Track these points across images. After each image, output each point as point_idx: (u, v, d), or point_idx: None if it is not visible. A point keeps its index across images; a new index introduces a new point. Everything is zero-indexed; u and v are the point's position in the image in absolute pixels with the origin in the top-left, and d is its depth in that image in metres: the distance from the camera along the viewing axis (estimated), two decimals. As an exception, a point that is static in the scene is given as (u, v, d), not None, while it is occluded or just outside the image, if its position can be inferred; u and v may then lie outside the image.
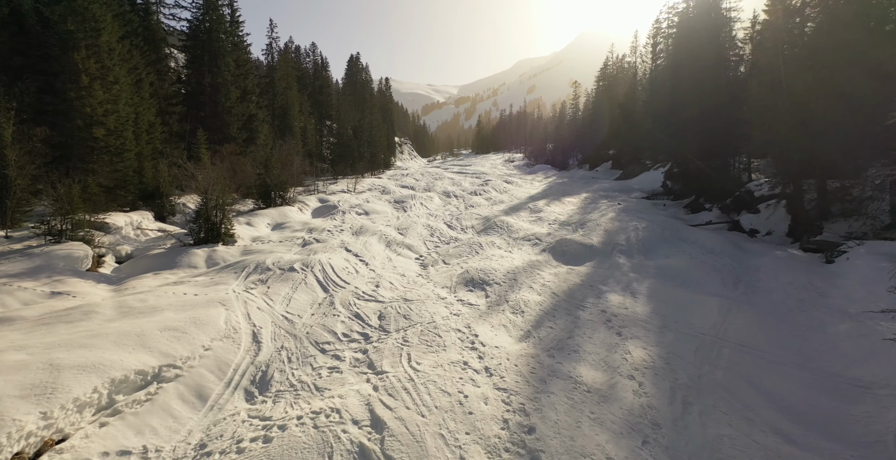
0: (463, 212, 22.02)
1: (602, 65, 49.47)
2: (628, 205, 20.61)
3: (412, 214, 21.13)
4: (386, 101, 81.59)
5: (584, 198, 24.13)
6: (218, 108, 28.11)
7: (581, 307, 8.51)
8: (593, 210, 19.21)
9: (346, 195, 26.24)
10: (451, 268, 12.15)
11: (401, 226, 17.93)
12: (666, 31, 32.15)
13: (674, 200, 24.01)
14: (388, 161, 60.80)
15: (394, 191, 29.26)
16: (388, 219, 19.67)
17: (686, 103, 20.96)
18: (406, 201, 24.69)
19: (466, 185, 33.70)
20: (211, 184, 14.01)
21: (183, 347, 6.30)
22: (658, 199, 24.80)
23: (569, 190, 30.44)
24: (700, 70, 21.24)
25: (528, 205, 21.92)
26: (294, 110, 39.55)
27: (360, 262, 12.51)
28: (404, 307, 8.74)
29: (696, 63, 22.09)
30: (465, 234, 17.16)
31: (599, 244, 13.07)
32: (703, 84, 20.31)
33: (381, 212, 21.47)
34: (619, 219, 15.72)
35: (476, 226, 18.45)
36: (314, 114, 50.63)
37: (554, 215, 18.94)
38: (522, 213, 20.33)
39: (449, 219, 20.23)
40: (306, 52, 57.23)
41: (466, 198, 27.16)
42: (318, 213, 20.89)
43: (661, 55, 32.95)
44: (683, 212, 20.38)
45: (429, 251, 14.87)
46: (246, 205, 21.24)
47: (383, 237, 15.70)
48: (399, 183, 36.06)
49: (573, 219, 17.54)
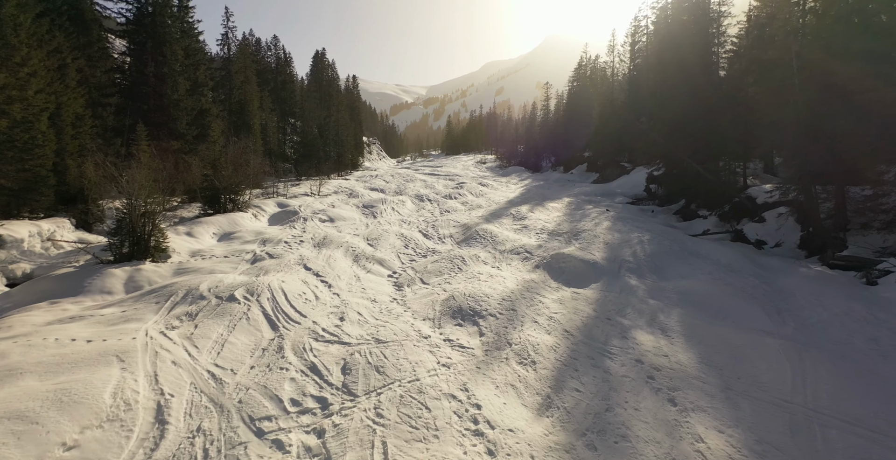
0: (439, 218, 20.01)
1: (576, 65, 48.53)
2: (618, 213, 19.14)
3: (383, 221, 18.95)
4: (353, 100, 78.68)
5: (567, 204, 22.56)
6: (164, 100, 25.08)
7: (607, 353, 6.64)
8: (583, 217, 17.59)
9: (310, 199, 23.77)
10: (431, 291, 10.12)
11: (371, 236, 15.76)
12: (646, 29, 31.19)
13: (660, 206, 22.78)
14: (356, 161, 58.17)
15: (362, 195, 26.94)
16: (355, 228, 17.44)
17: (676, 103, 19.68)
18: (376, 206, 22.46)
19: (440, 188, 31.70)
20: (138, 187, 11.48)
21: (21, 456, 4.00)
22: (644, 205, 23.53)
23: (548, 194, 28.93)
24: (688, 68, 20.03)
25: (511, 212, 20.12)
26: (253, 106, 36.57)
27: (322, 284, 10.31)
28: (377, 353, 6.67)
29: (684, 60, 20.91)
30: (443, 245, 15.17)
31: (603, 260, 11.32)
32: (694, 83, 19.07)
33: (349, 219, 19.19)
34: (618, 230, 14.09)
35: (455, 235, 16.48)
36: (276, 111, 47.57)
37: (540, 223, 17.19)
38: (505, 221, 18.51)
39: (424, 227, 18.18)
40: (268, 46, 53.91)
41: (441, 203, 25.18)
42: (275, 220, 18.41)
43: (641, 54, 31.99)
44: (675, 219, 19.05)
45: (403, 266, 12.80)
46: (192, 211, 18.55)
47: (350, 250, 13.50)
48: (368, 185, 33.71)
49: (563, 228, 15.83)
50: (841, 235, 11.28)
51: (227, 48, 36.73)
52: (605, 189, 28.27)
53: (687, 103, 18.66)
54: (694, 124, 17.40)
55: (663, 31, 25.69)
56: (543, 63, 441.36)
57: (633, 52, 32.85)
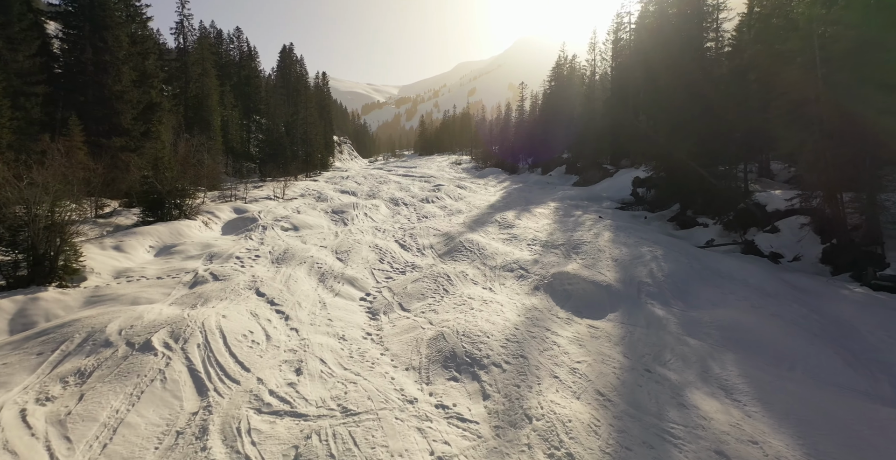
0: (417, 225, 18.08)
1: (553, 64, 47.41)
2: (612, 220, 17.67)
3: (355, 230, 16.87)
4: (323, 97, 75.65)
5: (555, 209, 20.99)
6: (104, 92, 22.25)
7: (669, 436, 4.60)
8: (576, 226, 15.99)
9: (272, 203, 21.40)
10: (414, 323, 8.20)
11: (340, 248, 13.69)
12: (629, 26, 30.11)
13: (650, 211, 21.51)
14: (326, 161, 55.50)
15: (332, 198, 24.70)
16: (323, 238, 15.31)
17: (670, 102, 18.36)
18: (347, 211, 20.32)
19: (416, 191, 29.73)
20: (40, 192, 9.11)
21: None
22: (635, 210, 22.23)
23: (531, 197, 27.38)
24: (681, 65, 18.78)
25: (496, 218, 18.38)
26: (212, 101, 33.69)
27: (277, 315, 8.24)
28: (343, 435, 4.71)
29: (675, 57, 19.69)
30: (424, 259, 13.26)
31: (617, 282, 9.63)
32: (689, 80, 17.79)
33: (315, 227, 17.02)
34: (623, 242, 12.48)
35: (436, 246, 14.60)
36: (239, 107, 44.55)
37: (531, 232, 15.50)
38: (490, 229, 16.74)
39: (401, 236, 16.23)
40: (230, 38, 50.62)
41: (418, 207, 23.24)
42: (230, 229, 16.06)
43: (624, 52, 30.92)
44: (671, 226, 17.72)
45: (379, 286, 10.83)
46: (131, 219, 15.99)
47: (315, 267, 11.42)
48: (338, 187, 31.40)
49: (557, 239, 14.16)
50: (878, 250, 9.99)
51: (183, 37, 33.68)
52: (589, 193, 26.94)
53: (682, 102, 17.34)
54: (692, 124, 16.07)
55: (651, 25, 24.52)
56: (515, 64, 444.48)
57: (616, 50, 31.76)
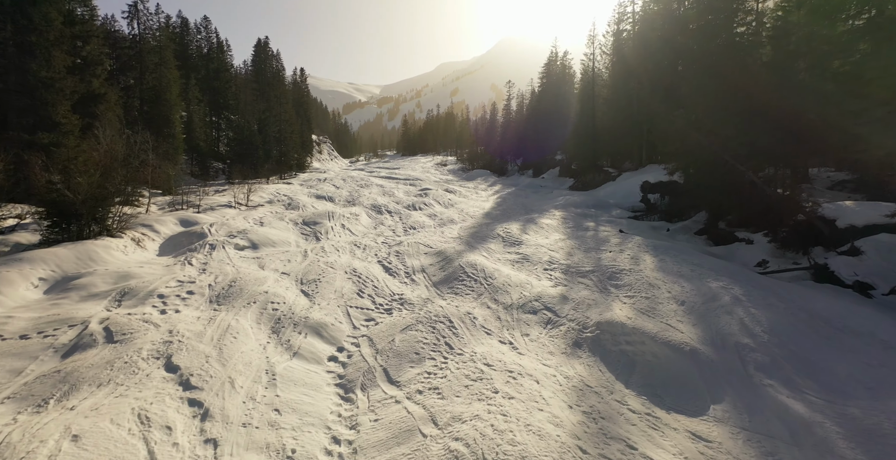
0: (403, 240, 15.14)
1: (546, 60, 44.92)
2: (640, 236, 15.00)
3: (329, 247, 13.83)
4: (301, 94, 72.02)
5: (561, 219, 18.27)
6: (29, 78, 18.69)
7: None
8: (598, 242, 13.21)
9: (232, 212, 18.16)
10: (408, 418, 5.26)
11: (308, 276, 10.65)
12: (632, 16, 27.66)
13: (668, 221, 18.96)
14: (304, 162, 51.96)
15: (304, 205, 21.50)
16: (287, 259, 12.23)
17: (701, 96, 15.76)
18: (321, 222, 17.22)
19: (401, 196, 26.73)
20: None
21: None
22: (649, 219, 19.66)
23: (529, 204, 24.67)
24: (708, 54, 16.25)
25: (497, 231, 15.54)
26: (171, 94, 30.05)
27: (188, 413, 5.20)
28: None
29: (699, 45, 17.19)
30: (415, 289, 10.34)
31: (702, 343, 6.63)
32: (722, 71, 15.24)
33: (280, 244, 13.90)
34: (678, 272, 9.52)
35: (430, 269, 11.70)
36: (204, 101, 40.85)
37: (543, 250, 12.68)
38: (492, 245, 13.90)
39: (385, 255, 13.27)
40: (197, 28, 46.76)
41: (404, 216, 20.27)
42: (168, 249, 12.83)
43: (627, 44, 28.46)
44: (702, 241, 15.13)
45: (356, 336, 7.86)
46: (37, 235, 12.55)
47: (269, 308, 8.38)
48: (313, 191, 28.15)
49: (580, 261, 11.36)
50: None
51: (137, 22, 29.94)
52: (594, 198, 24.35)
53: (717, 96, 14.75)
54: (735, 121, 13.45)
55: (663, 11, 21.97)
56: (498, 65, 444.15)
57: (619, 41, 29.29)
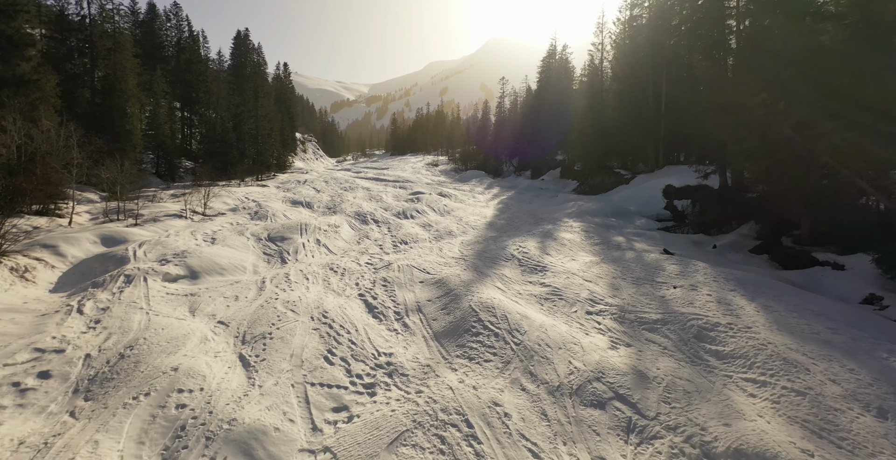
0: (394, 261, 11.99)
1: (545, 54, 41.96)
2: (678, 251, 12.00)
3: (295, 274, 10.61)
4: (284, 90, 68.26)
5: (582, 232, 15.24)
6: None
7: None
8: (647, 270, 10.12)
9: (180, 224, 14.79)
10: None
11: (255, 328, 7.42)
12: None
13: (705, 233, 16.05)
14: (285, 161, 48.34)
15: (275, 214, 18.13)
16: (233, 296, 8.96)
17: (812, 82, 12.64)
18: (290, 237, 13.95)
19: (390, 201, 23.51)
20: None
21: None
22: (682, 230, 16.71)
23: (536, 210, 21.64)
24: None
25: (509, 250, 12.44)
26: (127, 84, 26.41)
27: None
28: None
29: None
30: (409, 345, 7.22)
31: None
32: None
33: (230, 271, 10.62)
34: (816, 335, 6.18)
35: (428, 308, 8.61)
36: (173, 94, 37.15)
37: (577, 282, 9.59)
38: (507, 270, 10.80)
39: (369, 285, 10.11)
40: (167, 15, 42.91)
41: (393, 226, 17.09)
42: (70, 280, 9.44)
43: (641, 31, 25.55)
44: (765, 263, 12.15)
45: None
46: None
47: (171, 406, 5.15)
48: (290, 196, 24.77)
49: (636, 301, 8.28)
50: None
51: (88, 2, 26.21)
52: (610, 205, 21.39)
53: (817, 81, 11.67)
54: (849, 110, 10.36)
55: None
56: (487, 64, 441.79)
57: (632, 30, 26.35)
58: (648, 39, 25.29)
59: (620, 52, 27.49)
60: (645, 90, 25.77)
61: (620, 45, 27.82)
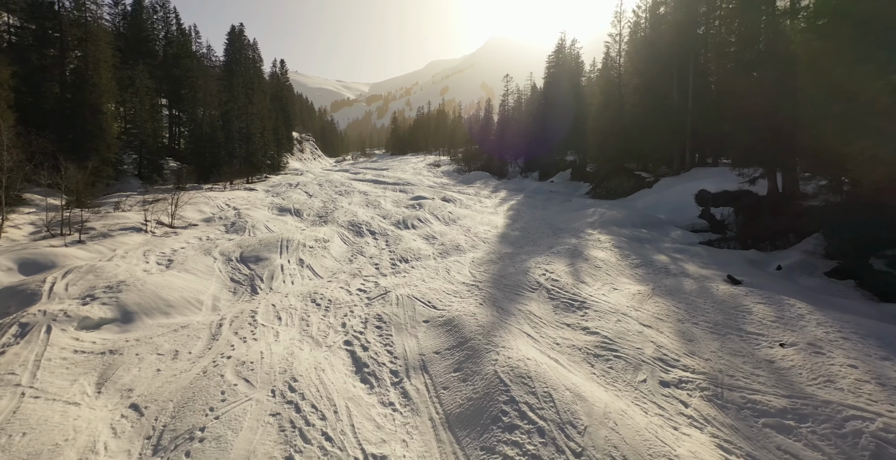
0: (392, 288, 9.68)
1: (554, 48, 39.54)
2: (749, 278, 9.62)
3: (266, 311, 8.27)
4: (280, 88, 65.95)
5: (614, 249, 12.88)
6: None
7: None
8: (720, 307, 7.70)
9: (136, 240, 12.42)
10: None
11: (178, 421, 5.03)
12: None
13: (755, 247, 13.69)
14: (279, 162, 45.96)
15: (255, 226, 15.71)
16: (171, 352, 6.61)
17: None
18: (267, 257, 11.59)
19: (388, 207, 21.15)
20: None
21: None
22: (729, 245, 14.33)
23: (552, 219, 19.27)
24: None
25: (533, 274, 10.08)
26: (101, 78, 24.05)
27: None
28: None
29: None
30: (411, 439, 4.89)
31: None
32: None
33: (179, 308, 8.25)
34: None
35: (435, 367, 6.37)
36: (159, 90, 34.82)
37: (632, 327, 7.24)
38: (535, 306, 8.45)
39: (360, 327, 7.82)
40: (153, 7, 40.50)
41: (392, 239, 14.75)
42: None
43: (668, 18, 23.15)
44: (851, 291, 9.77)
45: None
46: None
47: None
48: (278, 201, 22.40)
49: (735, 367, 5.89)
50: None
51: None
52: (636, 213, 19.00)
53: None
54: None
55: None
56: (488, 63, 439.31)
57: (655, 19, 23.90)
58: (674, 28, 22.89)
59: (642, 43, 25.07)
60: (670, 84, 23.38)
61: (641, 35, 25.39)
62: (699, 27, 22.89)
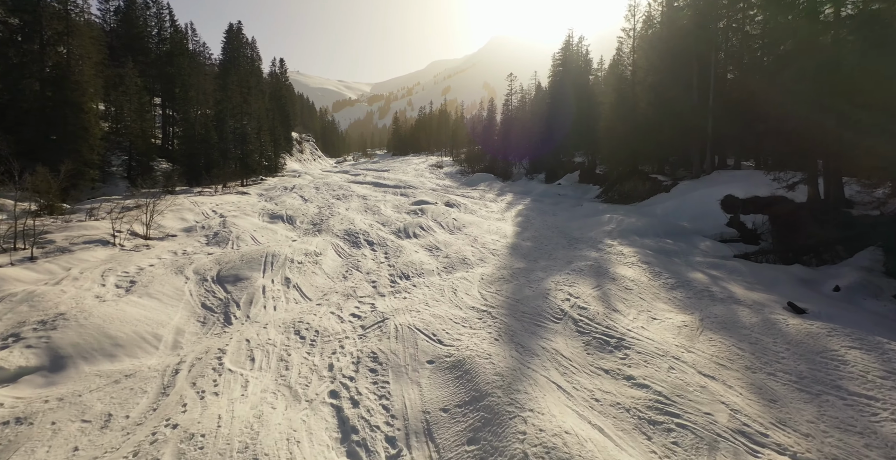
0: (390, 317, 8.19)
1: (562, 45, 38.01)
2: (816, 307, 8.12)
3: (238, 350, 6.80)
4: (279, 87, 64.55)
5: (642, 264, 11.39)
6: None
7: None
8: (796, 351, 6.18)
9: (100, 255, 10.95)
10: None
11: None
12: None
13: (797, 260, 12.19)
14: (276, 163, 44.50)
15: (240, 236, 14.21)
16: (103, 418, 5.15)
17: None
18: (247, 277, 10.13)
19: (389, 213, 19.68)
20: None
21: None
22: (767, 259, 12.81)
23: (565, 226, 17.77)
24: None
25: (554, 299, 8.60)
26: (83, 75, 22.62)
27: None
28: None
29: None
30: None
31: None
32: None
33: (129, 347, 6.74)
34: None
35: (443, 433, 4.81)
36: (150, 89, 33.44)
37: (694, 381, 5.77)
38: (560, 342, 6.97)
39: (350, 374, 6.32)
40: (146, 3, 39.05)
41: (392, 251, 13.27)
42: None
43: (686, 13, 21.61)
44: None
45: None
46: None
47: None
48: (270, 207, 20.94)
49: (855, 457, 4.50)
50: None
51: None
52: (657, 220, 17.49)
53: None
54: None
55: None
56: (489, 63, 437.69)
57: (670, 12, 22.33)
58: (693, 21, 21.37)
59: (657, 37, 23.54)
60: (688, 81, 21.85)
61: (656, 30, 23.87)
62: (720, 20, 21.38)
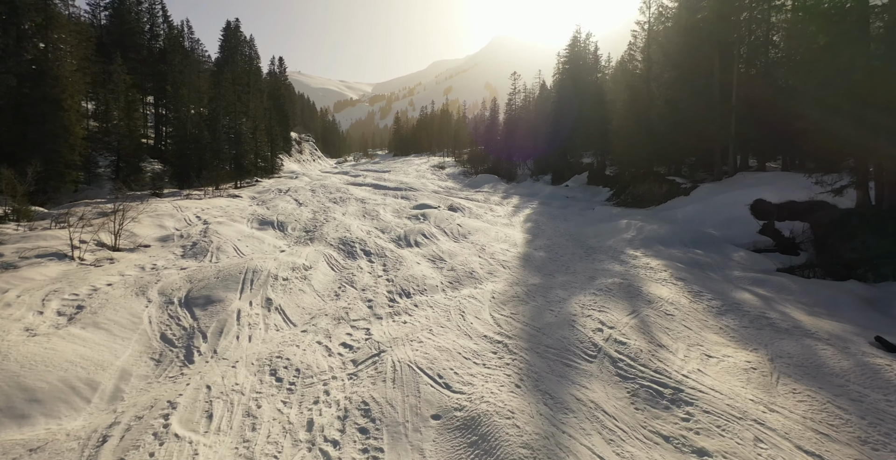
0: (387, 350, 6.76)
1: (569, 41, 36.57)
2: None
3: (190, 401, 5.38)
4: (278, 86, 63.19)
5: (677, 282, 9.97)
6: None
7: None
8: None
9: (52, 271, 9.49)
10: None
11: None
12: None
13: (853, 276, 10.75)
14: (273, 164, 43.14)
15: (220, 247, 12.73)
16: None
17: None
18: (221, 299, 8.70)
19: (388, 218, 18.26)
20: None
21: None
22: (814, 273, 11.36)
23: (580, 234, 16.32)
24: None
25: (583, 328, 7.18)
26: (62, 70, 21.25)
27: None
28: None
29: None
30: None
31: None
32: None
33: (51, 402, 5.34)
34: None
35: None
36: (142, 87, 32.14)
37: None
38: (601, 392, 5.56)
39: (334, 438, 4.83)
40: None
41: (391, 263, 11.85)
42: None
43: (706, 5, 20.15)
44: None
45: None
46: None
47: None
48: (260, 212, 19.53)
49: None
50: None
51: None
52: (679, 227, 16.04)
53: None
54: None
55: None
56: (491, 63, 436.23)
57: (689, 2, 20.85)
58: (714, 13, 19.92)
59: (675, 30, 22.08)
60: (709, 76, 20.39)
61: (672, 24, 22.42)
62: (743, 12, 19.93)
